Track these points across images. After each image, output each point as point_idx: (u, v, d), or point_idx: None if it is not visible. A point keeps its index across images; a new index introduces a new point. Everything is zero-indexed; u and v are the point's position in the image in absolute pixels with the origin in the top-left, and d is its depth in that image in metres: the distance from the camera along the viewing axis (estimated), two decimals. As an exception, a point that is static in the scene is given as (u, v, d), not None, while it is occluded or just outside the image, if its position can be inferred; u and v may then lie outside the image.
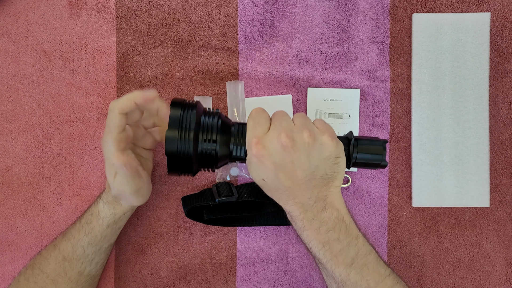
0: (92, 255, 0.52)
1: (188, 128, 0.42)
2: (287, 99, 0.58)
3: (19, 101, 0.59)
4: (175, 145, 0.42)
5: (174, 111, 0.42)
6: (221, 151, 0.44)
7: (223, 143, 0.44)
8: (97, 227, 0.51)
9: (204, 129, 0.43)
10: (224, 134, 0.44)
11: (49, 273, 0.50)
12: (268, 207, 0.58)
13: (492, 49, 0.59)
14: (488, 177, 0.58)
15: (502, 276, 0.58)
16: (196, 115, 0.43)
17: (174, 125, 0.42)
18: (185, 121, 0.42)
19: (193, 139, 0.42)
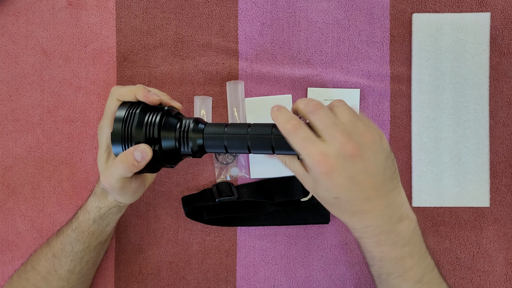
0: (81, 252, 0.50)
1: (130, 125, 0.42)
2: (287, 99, 0.58)
3: (19, 101, 0.59)
4: (119, 142, 0.43)
5: (120, 111, 0.43)
6: (167, 147, 0.44)
7: (166, 139, 0.44)
8: (83, 221, 0.49)
9: (147, 126, 0.43)
10: (166, 131, 0.44)
11: (40, 270, 0.50)
12: (268, 207, 0.58)
13: (492, 49, 0.59)
14: (488, 177, 0.58)
15: (502, 276, 0.58)
16: (140, 112, 0.43)
17: (118, 123, 0.43)
18: (129, 119, 0.43)
19: (135, 135, 0.42)
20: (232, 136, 0.44)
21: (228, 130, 0.44)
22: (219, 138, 0.44)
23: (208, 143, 0.44)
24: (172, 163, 0.46)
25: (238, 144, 0.44)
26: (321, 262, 0.59)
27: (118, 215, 0.51)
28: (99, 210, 0.49)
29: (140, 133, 0.43)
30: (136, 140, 0.42)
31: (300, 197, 0.57)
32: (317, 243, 0.59)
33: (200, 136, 0.44)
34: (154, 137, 0.43)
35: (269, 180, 0.58)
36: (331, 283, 0.59)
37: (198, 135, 0.44)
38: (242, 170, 0.59)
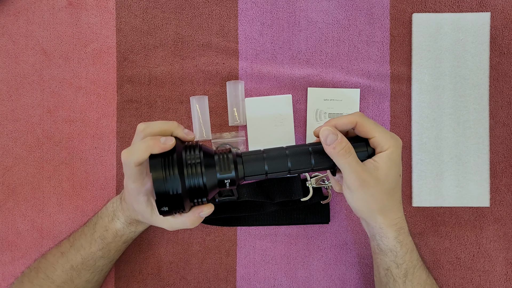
0: (103, 266, 0.52)
1: (171, 166, 0.41)
2: (287, 99, 0.58)
3: (19, 101, 0.59)
4: (162, 185, 0.41)
5: (154, 160, 0.41)
6: (209, 182, 0.43)
7: (209, 174, 0.43)
8: (113, 243, 0.51)
9: (188, 163, 0.42)
10: (208, 165, 0.43)
11: (54, 279, 0.50)
12: (268, 207, 0.58)
13: (492, 49, 0.59)
14: (488, 177, 0.58)
15: (502, 276, 0.58)
16: (176, 152, 0.42)
17: (157, 167, 0.41)
18: (167, 161, 0.41)
19: (178, 174, 0.41)
20: (273, 158, 0.45)
21: (266, 155, 0.45)
22: (259, 162, 0.45)
23: (249, 170, 0.44)
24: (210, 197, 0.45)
25: (279, 166, 0.45)
26: (321, 262, 0.59)
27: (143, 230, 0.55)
28: (134, 233, 0.52)
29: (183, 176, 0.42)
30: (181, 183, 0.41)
31: (300, 197, 0.57)
32: (317, 243, 0.59)
33: (240, 166, 0.44)
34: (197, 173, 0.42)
35: (269, 180, 0.58)
36: (331, 283, 0.59)
37: (238, 165, 0.44)
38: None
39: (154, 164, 0.41)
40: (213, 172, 0.43)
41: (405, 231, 0.47)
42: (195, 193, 0.43)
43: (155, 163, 0.41)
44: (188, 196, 0.42)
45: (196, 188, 0.43)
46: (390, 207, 0.46)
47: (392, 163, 0.44)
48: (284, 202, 0.58)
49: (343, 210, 0.59)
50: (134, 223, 0.50)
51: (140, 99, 0.59)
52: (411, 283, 0.47)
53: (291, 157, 0.45)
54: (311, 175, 0.58)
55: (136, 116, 0.59)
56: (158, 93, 0.59)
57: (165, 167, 0.41)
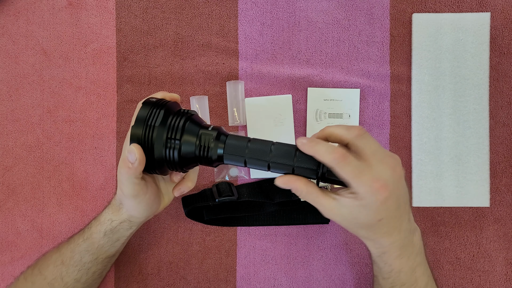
0: (89, 263, 0.50)
1: (152, 126, 0.41)
2: (287, 99, 0.58)
3: (19, 101, 0.59)
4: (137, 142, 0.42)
5: (142, 110, 0.42)
6: (183, 154, 0.42)
7: (186, 146, 0.42)
8: (95, 233, 0.49)
9: (170, 128, 0.42)
10: (190, 135, 0.42)
11: (46, 275, 0.50)
12: (268, 207, 0.58)
13: (492, 49, 0.59)
14: (488, 177, 0.58)
15: (502, 276, 0.58)
16: (164, 114, 0.42)
17: (140, 122, 0.41)
18: (151, 119, 0.41)
19: (155, 137, 0.41)
20: (254, 152, 0.43)
21: (251, 146, 0.43)
22: (240, 151, 0.43)
23: (228, 156, 0.43)
24: (186, 168, 0.45)
25: (259, 161, 0.43)
26: (321, 262, 0.59)
27: (129, 231, 0.50)
28: (111, 223, 0.48)
29: (162, 134, 0.42)
30: (156, 142, 0.41)
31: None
32: (317, 243, 0.59)
33: (221, 147, 0.43)
34: (177, 139, 0.42)
35: (269, 180, 0.58)
36: (331, 283, 0.59)
37: (220, 145, 0.43)
38: (241, 171, 0.59)
39: (138, 119, 0.42)
40: (191, 144, 0.42)
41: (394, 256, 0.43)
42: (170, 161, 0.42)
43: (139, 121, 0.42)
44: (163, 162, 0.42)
45: (170, 158, 0.42)
46: (368, 236, 0.42)
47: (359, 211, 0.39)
48: (284, 202, 0.58)
49: (343, 210, 0.59)
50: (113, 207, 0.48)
51: (140, 99, 0.59)
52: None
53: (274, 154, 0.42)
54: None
55: (136, 116, 0.59)
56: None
57: (146, 125, 0.41)
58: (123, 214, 0.48)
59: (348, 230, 0.43)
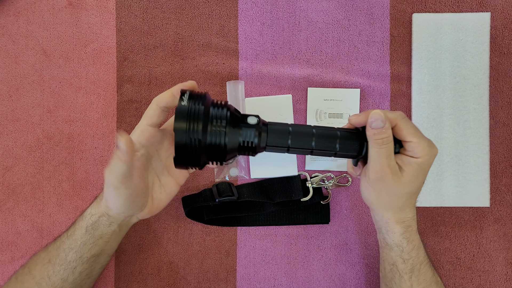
0: (74, 262, 0.48)
1: (196, 119, 0.40)
2: (287, 99, 0.58)
3: (19, 101, 0.59)
4: (183, 137, 0.40)
5: (182, 102, 0.41)
6: (230, 143, 0.42)
7: (232, 135, 0.42)
8: (77, 229, 0.48)
9: (213, 120, 0.41)
10: (233, 126, 0.42)
11: (35, 275, 0.49)
12: (268, 207, 0.58)
13: (492, 49, 0.59)
14: (488, 177, 0.58)
15: (502, 276, 0.58)
16: (205, 106, 0.41)
17: (182, 116, 0.40)
18: (192, 112, 0.40)
19: (201, 130, 0.40)
20: (297, 139, 0.43)
21: (293, 131, 0.43)
22: (283, 140, 0.43)
23: (271, 141, 0.43)
24: (228, 159, 0.44)
25: (302, 143, 0.43)
26: (321, 262, 0.59)
27: (109, 229, 0.48)
28: (91, 217, 0.47)
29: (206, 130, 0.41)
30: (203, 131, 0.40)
31: (300, 197, 0.57)
32: (317, 243, 0.59)
33: (264, 136, 0.43)
34: (221, 133, 0.41)
35: (269, 180, 0.58)
36: (331, 283, 0.59)
37: (263, 134, 0.43)
38: (241, 171, 0.59)
39: (179, 113, 0.40)
40: (236, 134, 0.42)
41: (413, 229, 0.47)
42: (213, 151, 0.42)
43: (181, 111, 0.40)
44: (205, 153, 0.42)
45: (215, 147, 0.41)
46: (402, 208, 0.45)
47: (420, 172, 0.43)
48: (284, 202, 0.58)
49: (343, 210, 0.59)
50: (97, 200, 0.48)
51: (140, 99, 0.59)
52: (417, 279, 0.47)
53: (316, 137, 0.43)
54: (311, 175, 0.58)
55: (136, 116, 0.59)
56: (158, 93, 0.58)
57: (189, 118, 0.40)
58: (102, 207, 0.47)
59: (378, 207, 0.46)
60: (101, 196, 0.47)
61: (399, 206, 0.45)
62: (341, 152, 0.44)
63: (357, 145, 0.44)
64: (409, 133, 0.42)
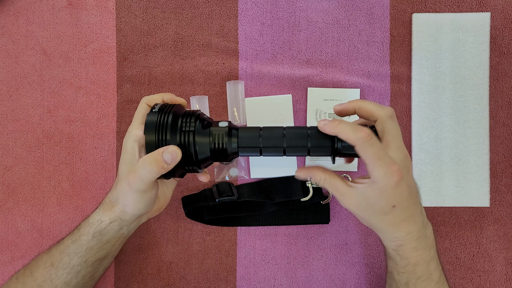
0: (78, 266, 0.48)
1: (164, 131, 0.42)
2: (287, 99, 0.58)
3: (19, 101, 0.59)
4: (153, 150, 0.42)
5: (150, 116, 0.42)
6: (201, 150, 0.43)
7: (201, 142, 0.43)
8: (83, 235, 0.48)
9: (181, 129, 0.42)
10: (202, 133, 0.43)
11: (37, 277, 0.49)
12: (268, 207, 0.58)
13: (492, 49, 0.59)
14: (488, 177, 0.58)
15: (502, 276, 0.58)
16: (173, 116, 0.42)
17: (151, 129, 0.42)
18: (160, 124, 0.42)
19: (170, 141, 0.42)
20: (268, 140, 0.43)
21: (263, 134, 0.44)
22: (254, 142, 0.43)
23: (243, 148, 0.43)
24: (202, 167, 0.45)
25: (274, 149, 0.43)
26: (321, 262, 0.59)
27: (119, 233, 0.48)
28: (100, 224, 0.47)
29: (175, 136, 0.42)
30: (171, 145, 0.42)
31: (300, 197, 0.57)
32: (317, 243, 0.59)
33: (235, 140, 0.43)
34: (190, 142, 0.42)
35: (269, 180, 0.58)
36: (331, 283, 0.59)
37: (233, 139, 0.43)
38: (241, 171, 0.59)
39: (148, 126, 0.42)
40: (205, 141, 0.43)
41: (408, 247, 0.43)
42: (186, 160, 0.43)
43: (149, 125, 0.42)
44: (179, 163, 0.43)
45: (187, 156, 0.43)
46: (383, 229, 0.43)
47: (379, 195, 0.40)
48: (284, 202, 0.58)
49: (343, 210, 0.59)
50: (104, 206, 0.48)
51: (140, 99, 0.59)
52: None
53: (288, 137, 0.43)
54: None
55: (136, 116, 0.59)
56: (158, 93, 0.59)
57: (158, 131, 0.42)
58: (115, 212, 0.47)
59: (363, 222, 0.44)
60: (108, 202, 0.47)
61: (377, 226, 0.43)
62: (314, 149, 0.43)
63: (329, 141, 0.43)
64: (365, 159, 0.40)
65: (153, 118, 0.42)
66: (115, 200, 0.47)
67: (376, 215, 0.42)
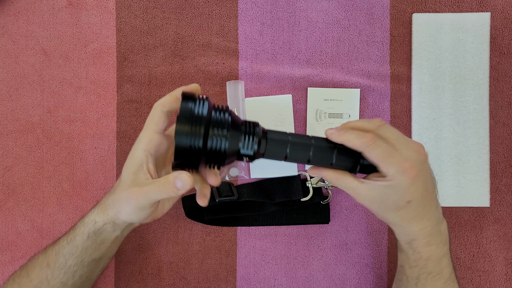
0: (74, 267, 0.48)
1: (198, 123, 0.40)
2: (287, 99, 0.58)
3: (19, 101, 0.59)
4: (184, 139, 0.40)
5: (185, 104, 0.41)
6: (230, 148, 0.42)
7: (232, 141, 0.42)
8: (78, 235, 0.47)
9: (215, 124, 0.41)
10: (234, 131, 0.42)
11: (32, 278, 0.48)
12: (268, 207, 0.58)
13: (492, 49, 0.59)
14: (488, 177, 0.58)
15: (502, 276, 0.58)
16: (207, 110, 0.41)
17: (185, 119, 0.40)
18: (195, 115, 0.41)
19: (203, 134, 0.40)
20: (296, 149, 0.44)
21: (292, 141, 0.44)
22: (282, 148, 0.43)
23: (270, 149, 0.43)
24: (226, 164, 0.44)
25: (300, 154, 0.44)
26: (321, 262, 0.59)
27: (113, 235, 0.48)
28: (94, 224, 0.47)
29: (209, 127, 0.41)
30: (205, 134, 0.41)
31: (300, 197, 0.57)
32: (317, 243, 0.59)
33: (264, 142, 0.43)
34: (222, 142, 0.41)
35: (269, 180, 0.58)
36: (331, 283, 0.59)
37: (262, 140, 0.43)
38: (241, 171, 0.59)
39: (182, 115, 0.40)
40: (236, 140, 0.42)
41: (421, 242, 0.44)
42: (213, 156, 0.42)
43: (184, 114, 0.40)
44: (205, 157, 0.42)
45: (215, 151, 0.42)
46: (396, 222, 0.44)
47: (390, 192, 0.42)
48: (284, 202, 0.58)
49: (343, 210, 0.59)
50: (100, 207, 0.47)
51: (140, 99, 0.59)
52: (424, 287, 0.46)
53: (314, 150, 0.44)
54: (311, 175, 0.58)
55: (136, 116, 0.59)
56: (158, 93, 0.59)
57: (192, 122, 0.40)
58: (109, 215, 0.46)
59: (377, 216, 0.45)
60: (104, 204, 0.47)
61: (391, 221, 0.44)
62: (337, 164, 0.44)
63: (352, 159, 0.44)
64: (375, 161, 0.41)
65: (187, 107, 0.41)
66: (109, 204, 0.46)
67: (390, 210, 0.43)
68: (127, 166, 0.44)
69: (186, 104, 0.41)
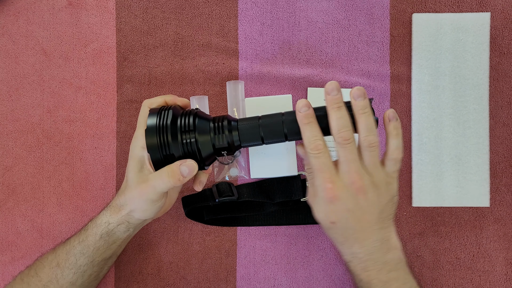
0: (84, 266, 0.49)
1: (165, 133, 0.42)
2: (287, 99, 0.58)
3: (19, 101, 0.59)
4: (156, 151, 0.43)
5: (150, 119, 0.43)
6: (204, 148, 0.44)
7: (203, 140, 0.44)
8: (90, 235, 0.48)
9: (182, 129, 0.43)
10: (202, 131, 0.44)
11: (42, 277, 0.49)
12: (268, 207, 0.58)
13: (492, 49, 0.59)
14: (488, 177, 0.58)
15: (502, 276, 0.58)
16: (172, 117, 0.43)
17: (151, 132, 0.43)
18: (161, 126, 0.43)
19: (172, 142, 0.42)
20: (269, 128, 0.44)
21: (263, 123, 0.45)
22: (255, 132, 0.44)
23: (244, 137, 0.45)
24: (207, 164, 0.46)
25: (275, 133, 0.44)
26: (321, 262, 0.59)
27: (126, 234, 0.49)
28: (108, 226, 0.48)
29: (177, 142, 0.43)
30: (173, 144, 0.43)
31: (300, 197, 0.57)
32: (317, 243, 0.59)
33: (236, 133, 0.44)
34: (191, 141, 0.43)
35: (269, 180, 0.58)
36: (331, 283, 0.59)
37: (234, 132, 0.44)
38: (241, 171, 0.59)
39: (148, 130, 0.43)
40: (207, 138, 0.44)
41: (359, 267, 0.44)
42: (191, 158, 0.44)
43: (150, 128, 0.43)
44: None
45: (191, 154, 0.43)
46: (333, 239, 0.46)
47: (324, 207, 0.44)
48: (284, 202, 0.58)
49: (343, 210, 0.59)
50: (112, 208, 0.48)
51: (140, 99, 0.59)
52: None
53: (287, 125, 0.44)
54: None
55: (136, 116, 0.59)
56: (158, 93, 0.59)
57: (159, 133, 0.42)
58: (123, 215, 0.47)
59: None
60: (116, 205, 0.48)
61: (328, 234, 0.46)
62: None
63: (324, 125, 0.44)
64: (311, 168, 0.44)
65: (152, 121, 0.43)
66: (122, 205, 0.47)
67: (321, 224, 0.45)
68: (130, 167, 0.46)
69: (152, 119, 0.43)
